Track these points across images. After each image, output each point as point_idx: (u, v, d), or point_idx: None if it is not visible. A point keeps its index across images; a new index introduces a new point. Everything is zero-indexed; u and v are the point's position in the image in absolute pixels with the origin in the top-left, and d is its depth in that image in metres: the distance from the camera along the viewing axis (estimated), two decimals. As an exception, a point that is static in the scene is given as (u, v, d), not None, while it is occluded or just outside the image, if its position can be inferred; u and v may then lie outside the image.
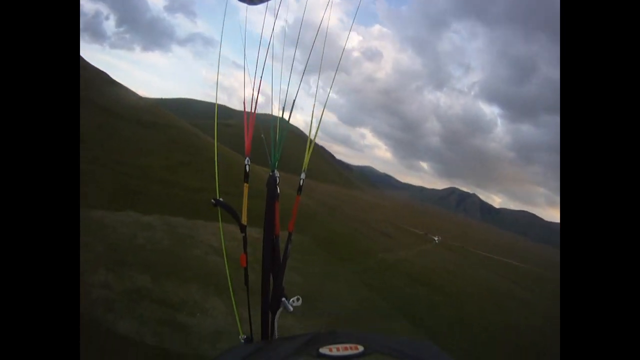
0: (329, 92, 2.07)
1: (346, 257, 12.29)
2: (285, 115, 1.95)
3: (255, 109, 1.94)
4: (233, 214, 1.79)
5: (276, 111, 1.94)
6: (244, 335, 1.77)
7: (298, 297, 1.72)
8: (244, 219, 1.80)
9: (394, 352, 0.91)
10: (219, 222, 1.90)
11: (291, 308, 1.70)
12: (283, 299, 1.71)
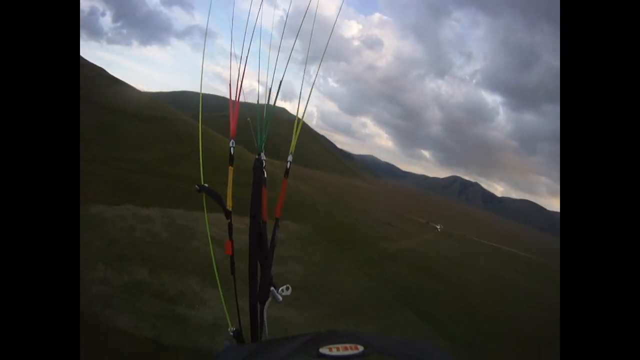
0: (315, 75, 1.99)
1: (347, 247, 12.22)
2: (274, 101, 1.88)
3: (241, 89, 1.89)
4: (217, 199, 1.72)
5: (263, 97, 1.89)
6: (232, 328, 1.71)
7: (287, 285, 1.67)
8: (229, 204, 1.73)
9: (393, 352, 0.92)
10: (204, 210, 1.83)
11: (280, 298, 1.64)
12: (272, 288, 1.64)
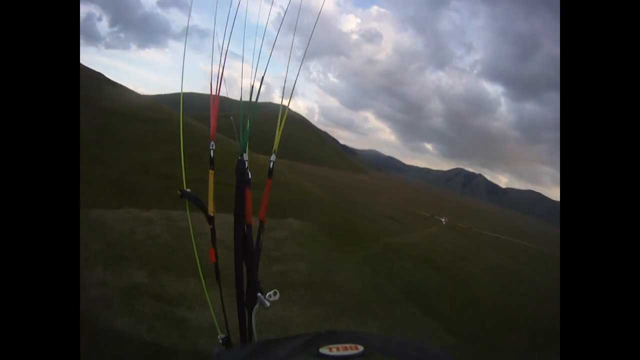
0: (299, 70, 1.88)
1: (351, 243, 12.12)
2: (257, 96, 1.83)
3: (220, 87, 1.84)
4: (199, 205, 1.70)
5: (245, 96, 1.80)
6: (222, 335, 1.67)
7: (275, 290, 1.61)
8: (210, 209, 1.68)
9: (393, 352, 0.91)
10: (187, 214, 1.80)
11: (267, 303, 1.59)
12: (259, 294, 1.59)
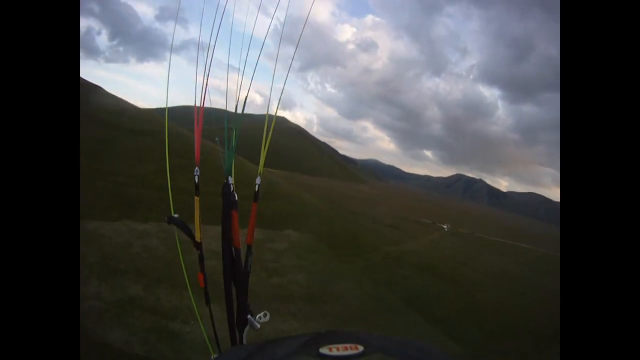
0: (284, 81, 1.84)
1: (351, 253, 12.00)
2: (242, 108, 1.80)
3: (203, 105, 1.78)
4: (186, 231, 1.68)
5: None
6: (215, 355, 1.65)
7: (265, 312, 1.61)
8: (197, 235, 1.68)
9: (393, 352, 0.91)
10: (177, 241, 1.79)
11: (258, 325, 1.58)
12: (249, 316, 1.59)
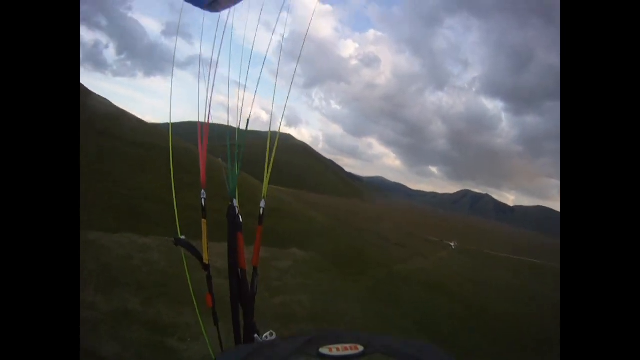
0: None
1: (356, 271, 11.74)
2: (246, 126, 1.74)
3: (208, 122, 1.76)
4: (194, 253, 1.70)
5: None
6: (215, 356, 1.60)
7: (271, 332, 1.55)
8: (205, 257, 1.69)
9: (394, 352, 0.89)
10: (184, 261, 1.80)
11: None
12: (255, 335, 1.58)
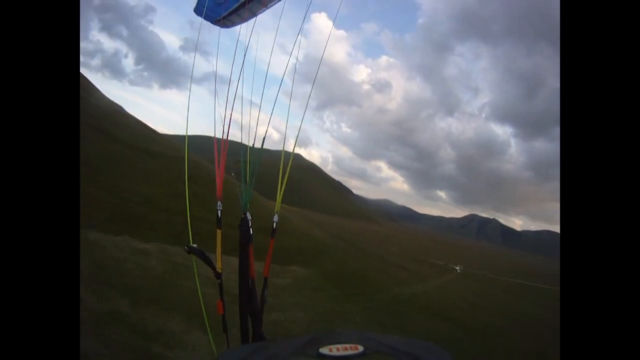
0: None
1: (358, 293, 11.47)
2: (261, 144, 2.02)
3: (227, 139, 1.89)
4: (206, 261, 1.74)
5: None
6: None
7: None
8: (218, 265, 1.75)
9: (393, 352, 0.91)
10: (194, 268, 1.84)
11: None
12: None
